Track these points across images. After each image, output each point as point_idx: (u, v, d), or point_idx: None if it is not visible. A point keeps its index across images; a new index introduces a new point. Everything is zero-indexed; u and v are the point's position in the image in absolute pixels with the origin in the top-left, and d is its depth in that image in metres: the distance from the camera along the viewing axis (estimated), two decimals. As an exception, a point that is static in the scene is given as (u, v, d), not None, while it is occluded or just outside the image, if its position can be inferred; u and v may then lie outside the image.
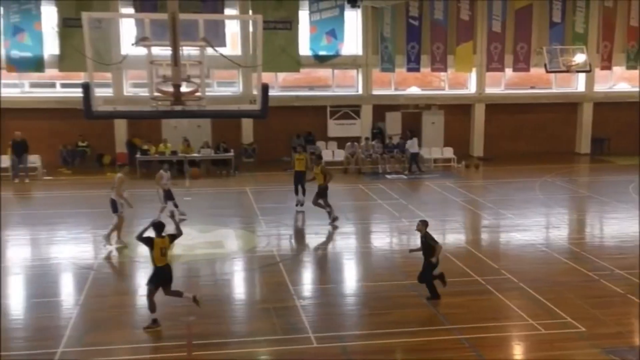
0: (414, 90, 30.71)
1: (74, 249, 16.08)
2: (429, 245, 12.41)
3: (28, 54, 26.06)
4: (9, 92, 27.55)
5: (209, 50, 13.85)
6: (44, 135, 26.78)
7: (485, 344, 10.81)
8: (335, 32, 28.13)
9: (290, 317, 11.87)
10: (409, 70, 29.57)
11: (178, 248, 16.17)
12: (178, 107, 13.02)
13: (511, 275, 13.96)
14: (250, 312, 12.43)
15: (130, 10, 26.36)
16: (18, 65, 26.16)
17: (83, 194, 22.19)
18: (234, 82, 29.07)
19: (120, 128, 27.64)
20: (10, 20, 25.80)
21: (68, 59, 25.72)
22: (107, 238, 16.20)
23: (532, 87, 31.43)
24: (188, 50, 13.62)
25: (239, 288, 14.02)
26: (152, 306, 11.38)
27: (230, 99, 25.89)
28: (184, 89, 13.30)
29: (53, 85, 28.12)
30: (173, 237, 11.83)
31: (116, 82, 27.27)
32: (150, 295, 11.39)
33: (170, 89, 12.95)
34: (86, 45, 13.30)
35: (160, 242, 11.48)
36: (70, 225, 18.13)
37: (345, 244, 16.97)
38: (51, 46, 26.63)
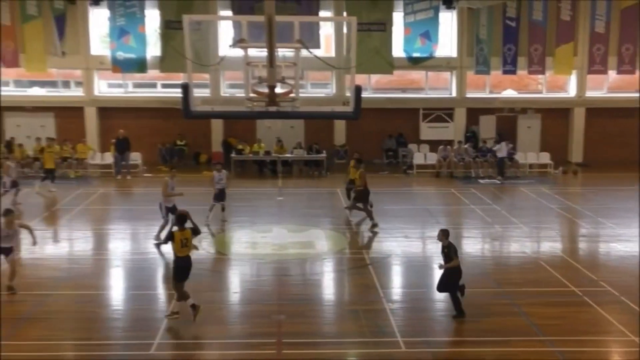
0: (509, 93, 29.97)
1: (170, 245, 16.56)
2: (450, 258, 11.86)
3: (132, 56, 27.14)
4: (113, 92, 28.84)
5: (304, 52, 14.00)
6: (144, 134, 27.85)
7: (582, 358, 10.40)
8: (429, 33, 27.82)
9: (379, 320, 11.82)
10: (505, 72, 28.86)
11: (268, 247, 16.50)
12: (272, 108, 13.21)
13: (611, 288, 13.36)
14: (339, 313, 12.46)
15: (229, 13, 27.01)
16: (123, 66, 27.29)
17: (180, 191, 22.81)
18: (327, 84, 29.27)
19: (217, 128, 28.37)
20: (116, 23, 26.96)
21: (169, 60, 26.63)
22: (157, 238, 16.59)
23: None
24: (283, 52, 13.82)
25: (328, 289, 14.09)
26: (184, 295, 11.64)
27: (324, 101, 26.09)
28: (278, 90, 13.48)
29: (154, 86, 29.18)
30: (194, 232, 11.99)
31: (214, 82, 28.01)
32: (179, 287, 11.67)
33: (266, 90, 13.16)
34: (186, 47, 13.72)
35: (180, 234, 11.67)
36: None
37: (436, 248, 16.66)
38: (153, 48, 27.65)
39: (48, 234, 17.28)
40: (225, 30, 27.04)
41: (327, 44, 28.38)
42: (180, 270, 11.72)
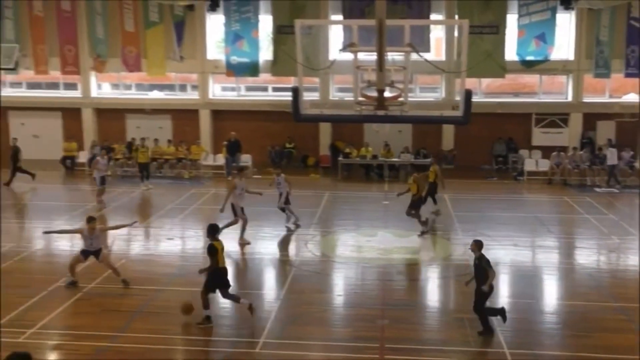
0: (631, 97, 28.44)
1: (277, 246, 16.93)
2: (483, 270, 11.10)
3: (245, 60, 27.90)
4: (226, 95, 29.74)
5: (413, 56, 13.89)
6: (255, 136, 28.54)
7: None
8: (545, 35, 26.89)
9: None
10: (628, 75, 27.41)
11: (373, 251, 16.47)
12: (381, 112, 13.20)
13: None
14: (444, 320, 12.26)
15: (339, 17, 27.21)
16: (236, 70, 28.10)
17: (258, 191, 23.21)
18: (436, 88, 28.90)
19: (325, 131, 28.65)
20: (231, 29, 27.81)
21: (280, 64, 27.17)
22: (242, 239, 16.89)
23: None
24: (392, 56, 13.77)
25: (433, 295, 13.90)
26: (206, 304, 11.68)
27: (433, 105, 25.79)
28: (387, 94, 13.45)
29: (266, 89, 29.85)
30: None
31: (323, 86, 28.32)
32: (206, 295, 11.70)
33: (374, 94, 13.17)
34: (297, 51, 13.94)
35: (219, 244, 11.75)
36: (275, 222, 19.04)
37: (546, 258, 16.15)
38: (265, 52, 28.29)
39: (163, 232, 18.01)
40: (336, 34, 27.26)
41: (437, 47, 28.03)
42: (219, 280, 11.77)
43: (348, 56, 14.32)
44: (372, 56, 12.70)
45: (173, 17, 27.90)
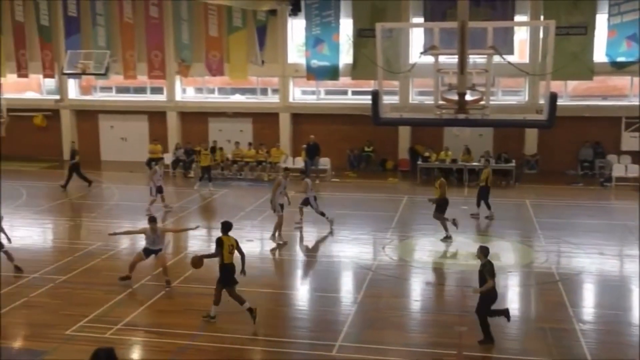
0: None
1: (354, 249, 16.92)
2: (484, 277, 10.91)
3: (326, 64, 28.05)
4: (306, 99, 29.98)
5: (496, 58, 13.61)
6: (334, 140, 28.62)
7: None
8: (637, 36, 25.80)
9: (568, 340, 11.17)
10: None
11: (451, 256, 16.24)
12: (462, 116, 13.02)
13: None
14: (524, 329, 11.94)
15: (420, 19, 26.97)
16: (316, 73, 28.29)
17: (366, 196, 23.26)
18: (519, 91, 28.20)
19: (404, 135, 28.44)
20: (312, 33, 28.03)
21: (360, 68, 27.17)
22: (273, 237, 17.16)
23: None
24: (474, 58, 13.54)
25: (513, 303, 13.54)
26: (240, 299, 11.88)
27: (515, 108, 25.13)
28: (468, 97, 13.24)
29: (345, 93, 29.91)
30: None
31: (403, 90, 28.12)
32: (219, 291, 11.97)
33: (455, 97, 12.99)
34: (377, 54, 13.92)
35: (227, 239, 12.05)
36: (353, 226, 19.07)
37: (635, 268, 15.45)
38: (345, 56, 28.37)
39: (242, 234, 18.26)
40: (417, 36, 27.04)
41: (521, 49, 27.35)
42: (226, 276, 11.95)
43: (429, 59, 14.17)
44: (454, 59, 12.54)
45: (255, 22, 28.37)
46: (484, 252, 11.16)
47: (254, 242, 17.65)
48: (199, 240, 17.45)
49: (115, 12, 29.46)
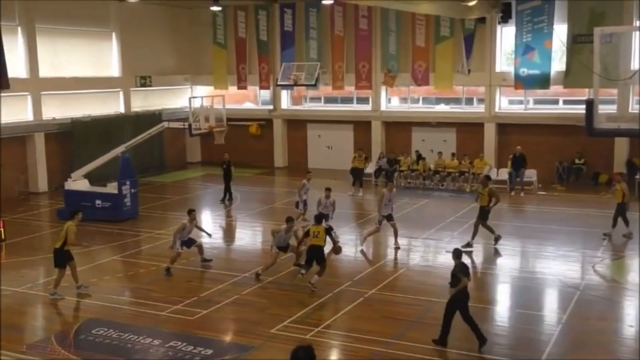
0: None
1: (561, 266, 16.02)
2: (457, 278, 11.07)
3: (536, 72, 26.93)
4: (513, 108, 29.00)
5: None
6: (541, 151, 27.37)
7: None
8: None
9: None
10: None
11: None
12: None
13: None
14: None
15: (644, 23, 24.94)
16: (525, 82, 27.25)
17: (575, 211, 21.95)
18: None
19: (621, 146, 26.41)
20: (522, 40, 27.07)
21: (573, 75, 25.73)
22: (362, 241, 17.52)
23: None
24: None
25: None
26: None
27: None
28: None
29: (555, 102, 28.49)
30: (328, 231, 14.99)
31: (621, 98, 26.16)
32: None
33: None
34: (594, 61, 13.14)
35: (314, 228, 14.51)
36: (559, 242, 18.10)
37: None
38: (558, 63, 27.04)
39: (441, 244, 18.10)
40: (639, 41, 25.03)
41: None
42: (308, 255, 14.40)
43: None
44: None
45: (463, 30, 28.02)
46: (456, 254, 11.59)
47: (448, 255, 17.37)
48: (402, 250, 17.52)
49: (327, 26, 30.70)
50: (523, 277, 15.41)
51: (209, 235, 16.83)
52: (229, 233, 20.88)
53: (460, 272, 11.23)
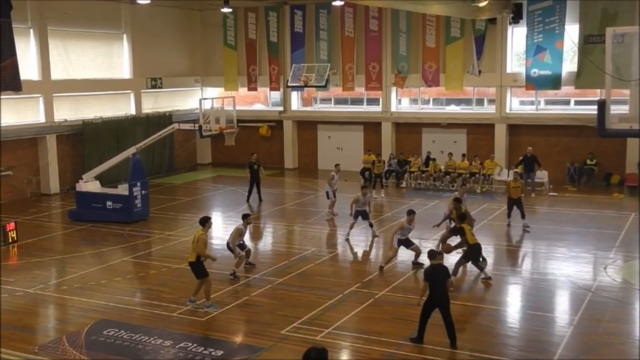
0: None
1: (572, 268, 15.94)
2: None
3: (547, 72, 26.82)
4: (524, 109, 28.88)
5: None
6: (553, 152, 27.27)
7: None
8: None
9: None
10: None
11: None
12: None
13: None
14: None
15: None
16: (536, 83, 27.15)
17: (586, 213, 21.82)
18: None
19: (633, 147, 26.21)
20: (533, 41, 26.96)
21: (585, 76, 25.60)
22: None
23: None
24: None
25: None
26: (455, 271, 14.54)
27: None
28: None
29: (567, 103, 28.36)
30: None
31: (634, 99, 25.89)
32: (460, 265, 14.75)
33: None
34: (606, 61, 13.08)
35: (467, 227, 14.85)
36: (571, 243, 18.02)
37: None
38: (569, 64, 26.92)
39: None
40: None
41: None
42: (472, 254, 14.73)
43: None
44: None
45: (474, 31, 27.95)
46: (428, 255, 11.75)
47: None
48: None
49: (337, 27, 30.69)
50: (534, 279, 15.32)
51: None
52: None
53: (423, 273, 11.70)
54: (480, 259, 15.34)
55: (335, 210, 21.52)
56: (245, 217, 15.62)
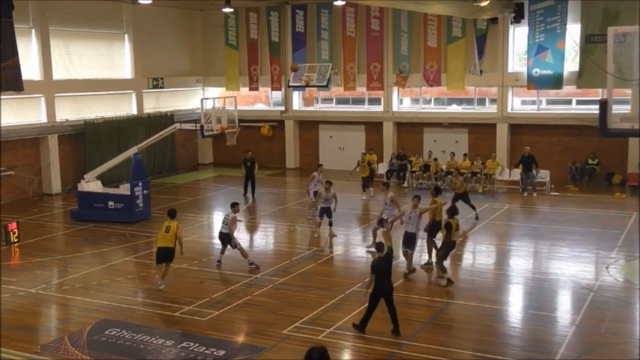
0: None
1: (574, 267, 15.92)
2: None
3: (548, 72, 26.79)
4: (525, 109, 28.86)
5: None
6: (554, 151, 27.24)
7: None
8: None
9: None
10: None
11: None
12: None
13: None
14: None
15: (657, 22, 24.73)
16: (538, 82, 27.11)
17: (588, 212, 21.80)
18: None
19: (635, 147, 26.21)
20: (535, 40, 26.93)
21: (587, 76, 25.58)
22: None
23: None
24: None
25: None
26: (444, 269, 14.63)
27: None
28: None
29: (569, 102, 28.34)
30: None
31: (635, 98, 25.86)
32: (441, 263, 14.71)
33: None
34: (608, 61, 13.06)
35: (453, 222, 14.77)
36: (572, 242, 18.00)
37: None
38: (570, 63, 26.89)
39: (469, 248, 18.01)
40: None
41: None
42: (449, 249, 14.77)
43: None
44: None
45: (475, 31, 27.93)
46: (376, 247, 12.22)
47: (466, 255, 17.34)
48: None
49: (338, 27, 30.67)
50: (536, 278, 15.31)
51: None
52: (241, 234, 20.87)
53: (371, 266, 12.00)
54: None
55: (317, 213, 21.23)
56: (233, 205, 16.36)
